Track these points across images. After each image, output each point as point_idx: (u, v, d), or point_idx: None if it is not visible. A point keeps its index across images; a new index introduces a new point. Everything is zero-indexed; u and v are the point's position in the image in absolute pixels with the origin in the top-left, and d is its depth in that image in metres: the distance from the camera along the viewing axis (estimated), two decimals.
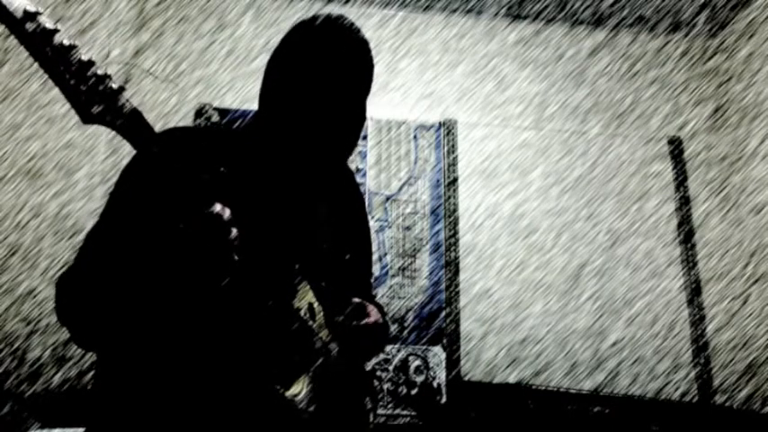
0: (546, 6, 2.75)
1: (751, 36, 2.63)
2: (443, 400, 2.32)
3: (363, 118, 0.93)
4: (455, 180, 2.58)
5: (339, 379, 0.87)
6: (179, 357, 0.75)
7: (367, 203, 2.52)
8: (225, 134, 0.95)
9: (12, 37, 0.57)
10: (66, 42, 0.59)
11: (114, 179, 0.83)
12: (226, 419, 0.75)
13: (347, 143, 0.92)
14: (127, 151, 0.78)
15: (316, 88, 0.84)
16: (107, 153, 2.24)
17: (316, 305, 0.86)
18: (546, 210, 2.59)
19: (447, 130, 2.64)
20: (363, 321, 0.90)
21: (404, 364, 2.35)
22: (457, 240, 2.50)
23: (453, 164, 2.59)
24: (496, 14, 2.82)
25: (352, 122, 0.91)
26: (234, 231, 0.69)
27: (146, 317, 0.75)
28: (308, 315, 0.84)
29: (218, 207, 0.68)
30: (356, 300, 0.91)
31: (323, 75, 0.85)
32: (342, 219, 1.00)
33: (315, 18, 0.89)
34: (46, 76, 0.60)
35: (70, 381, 1.96)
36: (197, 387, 0.75)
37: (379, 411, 2.28)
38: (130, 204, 0.78)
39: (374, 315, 0.92)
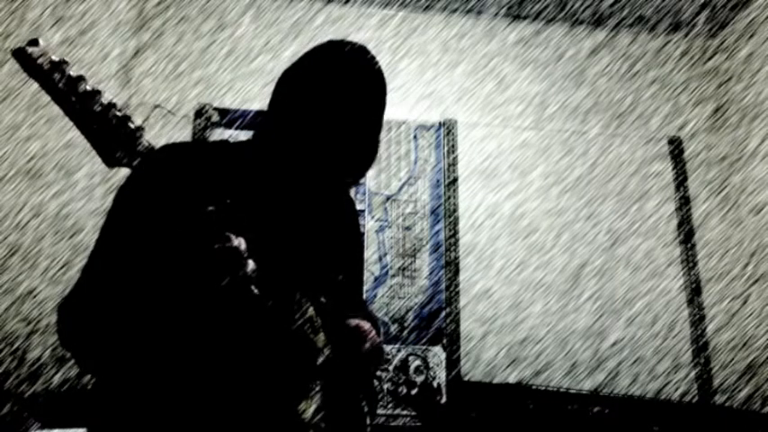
0: (546, 6, 2.75)
1: (751, 36, 2.62)
2: (443, 400, 2.32)
3: (376, 150, 0.94)
4: (455, 180, 2.58)
5: (342, 390, 0.88)
6: (185, 367, 0.75)
7: (367, 203, 2.52)
8: (226, 151, 0.93)
9: (11, 37, 0.57)
10: (89, 89, 0.60)
11: (114, 179, 0.82)
12: (230, 424, 0.75)
13: (357, 172, 0.93)
14: None
15: (334, 118, 0.84)
16: None
17: (316, 320, 0.86)
18: (546, 210, 2.59)
19: (447, 130, 2.64)
20: (359, 347, 0.90)
21: (404, 364, 2.35)
22: (457, 240, 2.50)
23: (453, 164, 2.59)
24: (496, 14, 2.82)
25: (365, 152, 0.91)
26: (251, 264, 0.68)
27: (153, 332, 0.74)
28: (310, 329, 0.84)
29: (233, 239, 0.66)
30: (352, 322, 0.92)
31: (342, 105, 0.85)
32: (338, 238, 1.02)
33: (336, 45, 0.90)
34: (71, 123, 0.61)
35: (70, 381, 1.96)
36: (204, 396, 0.75)
37: (380, 411, 2.28)
38: (132, 230, 0.76)
39: (370, 339, 0.92)
